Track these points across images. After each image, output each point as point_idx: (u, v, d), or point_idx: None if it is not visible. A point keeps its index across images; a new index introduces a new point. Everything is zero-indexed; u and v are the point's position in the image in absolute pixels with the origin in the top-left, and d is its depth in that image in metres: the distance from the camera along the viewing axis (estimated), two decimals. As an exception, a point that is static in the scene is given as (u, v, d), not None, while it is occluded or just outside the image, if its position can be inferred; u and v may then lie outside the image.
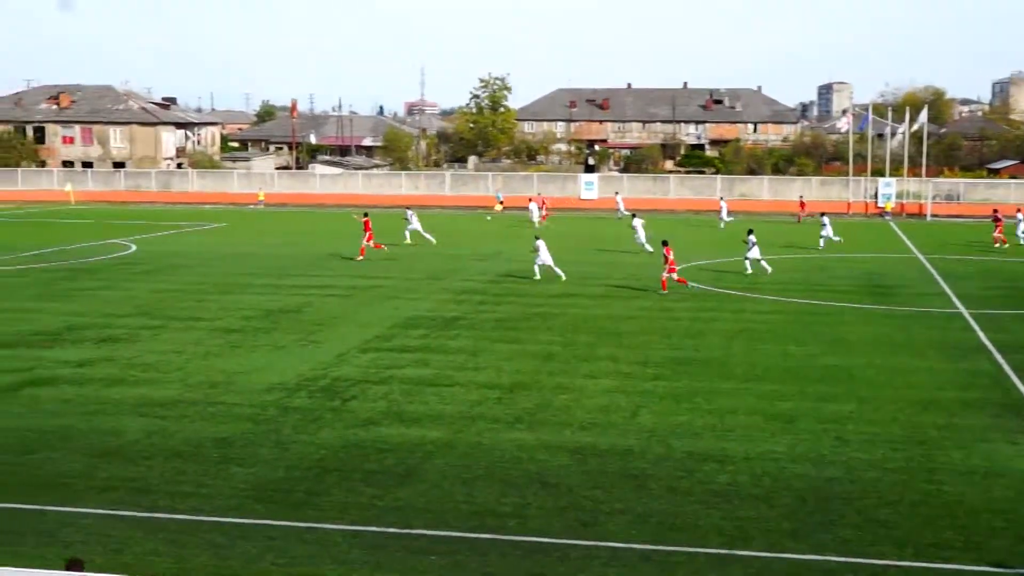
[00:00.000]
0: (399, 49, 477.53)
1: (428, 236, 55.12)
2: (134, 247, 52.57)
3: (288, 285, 40.37)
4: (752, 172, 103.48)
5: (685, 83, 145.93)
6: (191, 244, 55.80)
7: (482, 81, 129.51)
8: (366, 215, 50.76)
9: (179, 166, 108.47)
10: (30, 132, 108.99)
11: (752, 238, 43.47)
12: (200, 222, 69.74)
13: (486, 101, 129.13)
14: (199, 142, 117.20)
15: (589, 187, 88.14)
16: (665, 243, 39.44)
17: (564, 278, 41.06)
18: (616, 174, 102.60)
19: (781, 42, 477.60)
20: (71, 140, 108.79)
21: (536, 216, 68.95)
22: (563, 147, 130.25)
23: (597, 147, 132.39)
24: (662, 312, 34.29)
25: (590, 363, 26.72)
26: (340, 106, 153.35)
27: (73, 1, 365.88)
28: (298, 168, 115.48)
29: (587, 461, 18.87)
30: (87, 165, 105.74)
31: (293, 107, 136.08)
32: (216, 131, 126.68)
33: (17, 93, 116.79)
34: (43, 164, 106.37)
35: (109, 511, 16.27)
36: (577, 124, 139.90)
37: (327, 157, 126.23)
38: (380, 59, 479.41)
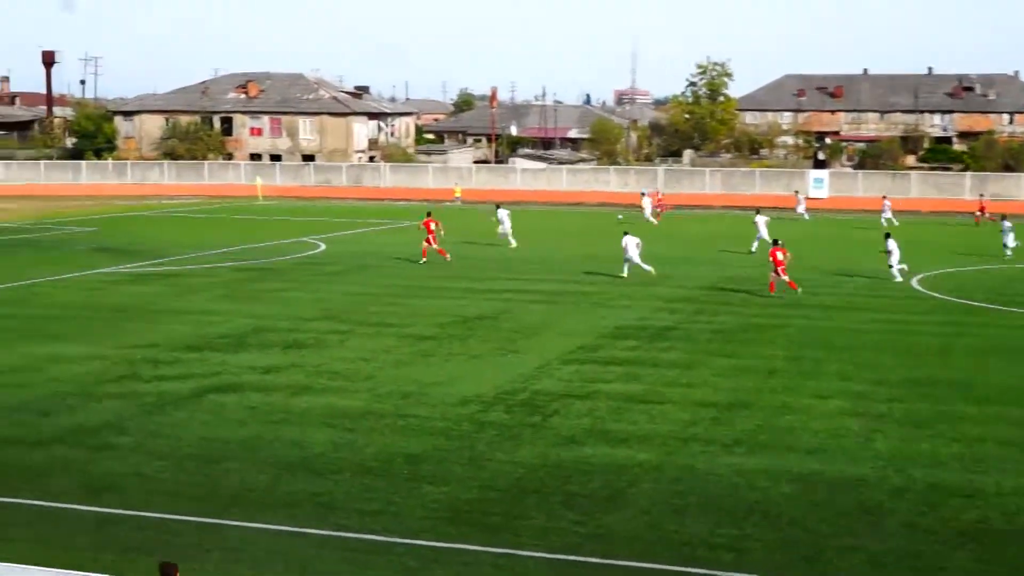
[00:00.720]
0: (608, 33, 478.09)
1: (512, 240, 55.57)
2: (323, 246, 54.11)
3: (486, 289, 40.80)
4: (1008, 169, 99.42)
5: (930, 68, 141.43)
6: (382, 244, 57.08)
7: (700, 67, 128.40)
8: (428, 214, 50.30)
9: (371, 159, 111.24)
10: (217, 123, 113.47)
11: (891, 243, 43.04)
12: (392, 220, 71.34)
13: (704, 89, 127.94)
14: (392, 134, 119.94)
15: (818, 184, 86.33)
16: (776, 242, 40.12)
17: (654, 273, 42.92)
18: (849, 170, 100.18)
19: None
20: (259, 132, 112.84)
21: (649, 212, 70.37)
22: (789, 140, 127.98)
23: (828, 140, 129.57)
24: (899, 325, 33.26)
25: (817, 381, 26.10)
26: (543, 95, 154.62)
27: (75, 1, 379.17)
28: (497, 162, 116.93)
29: (814, 490, 18.40)
30: (275, 158, 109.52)
31: (493, 96, 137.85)
32: (410, 122, 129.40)
33: (204, 82, 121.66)
34: (230, 157, 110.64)
35: (293, 528, 16.69)
36: (806, 114, 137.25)
37: (529, 150, 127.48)
38: (588, 43, 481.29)
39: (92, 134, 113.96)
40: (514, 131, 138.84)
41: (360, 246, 55.17)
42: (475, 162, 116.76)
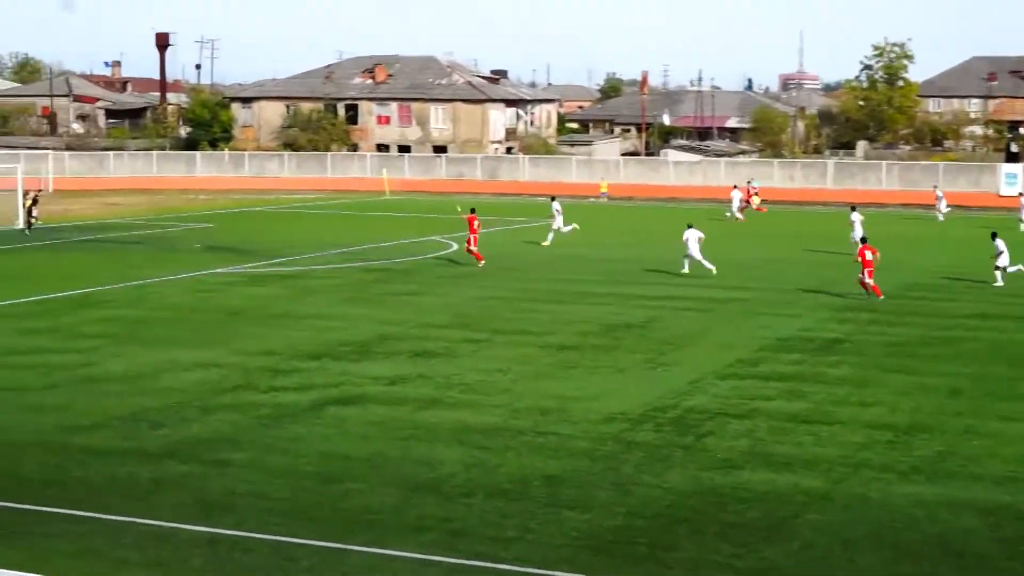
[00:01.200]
0: (773, 10, 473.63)
1: (549, 239, 55.80)
2: (455, 246, 54.56)
3: (634, 295, 40.73)
4: None
5: None
6: (519, 244, 57.34)
7: (876, 48, 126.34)
8: (472, 211, 49.91)
9: (508, 151, 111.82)
10: (341, 111, 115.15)
11: (999, 243, 43.23)
12: (531, 217, 71.62)
13: (880, 73, 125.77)
14: (532, 123, 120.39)
15: (1011, 180, 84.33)
16: (864, 240, 41.22)
17: (714, 272, 44.37)
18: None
19: None
20: (386, 120, 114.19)
21: (736, 206, 70.73)
22: (978, 130, 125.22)
23: (1022, 130, 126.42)
24: (1107, 340, 32.30)
25: (1009, 402, 25.52)
26: (700, 80, 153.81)
27: (75, 1, 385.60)
28: (647, 154, 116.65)
29: (1003, 525, 18.00)
30: (404, 149, 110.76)
31: (643, 81, 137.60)
32: (552, 110, 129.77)
33: (328, 66, 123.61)
34: (355, 148, 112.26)
35: (420, 555, 16.82)
36: (997, 101, 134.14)
37: (683, 141, 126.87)
38: (750, 23, 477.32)
39: (207, 123, 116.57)
40: (666, 120, 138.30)
41: (496, 246, 55.43)
42: (623, 154, 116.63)
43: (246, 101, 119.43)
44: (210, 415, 24.29)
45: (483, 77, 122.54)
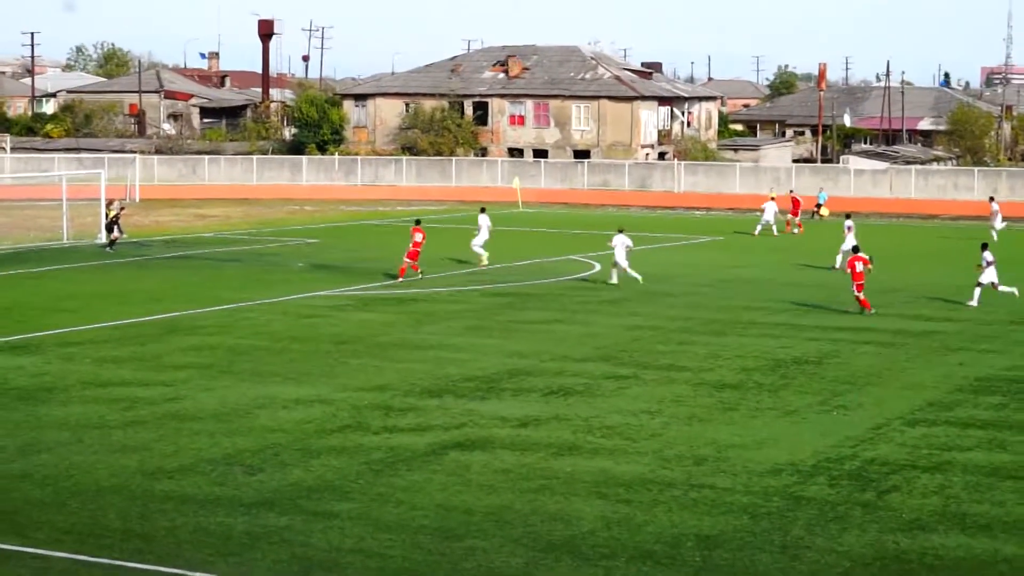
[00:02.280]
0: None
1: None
2: (598, 266, 54.58)
3: (808, 325, 40.43)
4: None
5: None
6: (674, 264, 57.16)
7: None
8: (418, 222, 52.25)
9: (662, 157, 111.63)
10: (469, 109, 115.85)
11: (987, 255, 44.28)
12: (686, 234, 71.30)
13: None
14: (689, 124, 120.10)
15: None
16: (855, 250, 44.01)
17: (641, 281, 47.55)
18: None
19: None
20: (520, 120, 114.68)
21: (770, 216, 70.97)
22: None
23: None
24: None
25: None
26: (887, 74, 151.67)
27: (76, 3, 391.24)
28: (824, 161, 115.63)
29: None
30: (540, 154, 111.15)
31: (821, 75, 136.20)
32: (713, 109, 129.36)
33: (454, 58, 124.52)
34: (484, 152, 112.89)
35: (553, 625, 16.81)
36: None
37: (866, 146, 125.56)
38: (946, 8, 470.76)
39: (315, 123, 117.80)
40: (847, 121, 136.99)
41: (645, 266, 55.31)
42: (795, 161, 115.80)
43: (360, 98, 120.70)
44: (313, 459, 24.53)
45: (633, 71, 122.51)
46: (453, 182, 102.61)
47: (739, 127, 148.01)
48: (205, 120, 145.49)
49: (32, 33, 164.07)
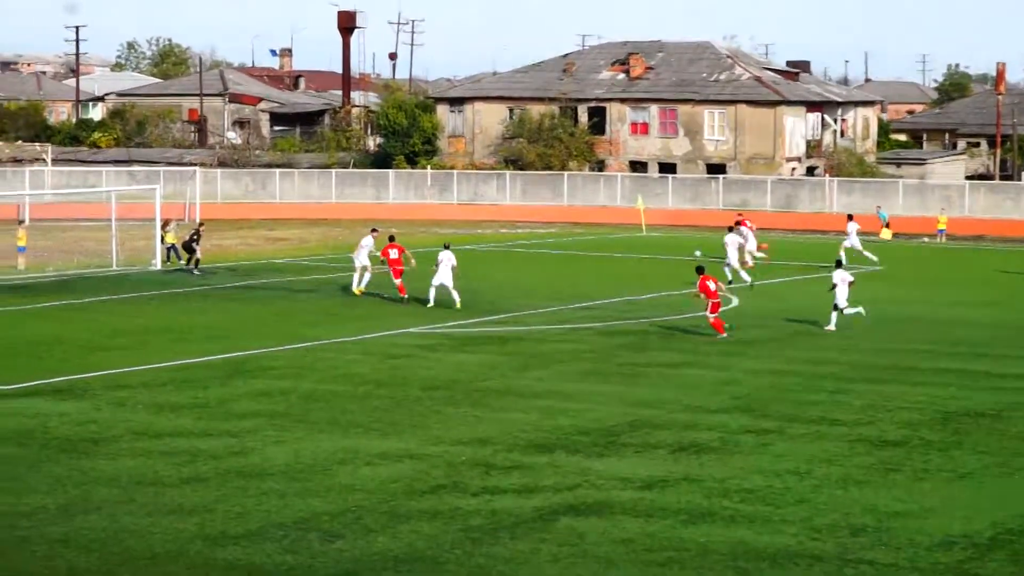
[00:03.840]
0: None
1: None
2: (734, 300, 54.48)
3: (983, 371, 40.14)
4: None
5: None
6: (823, 298, 56.71)
7: None
8: (392, 239, 55.57)
9: (810, 172, 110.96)
10: (583, 116, 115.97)
11: (838, 275, 47.93)
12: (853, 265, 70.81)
13: None
14: (843, 133, 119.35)
15: None
16: (700, 270, 46.55)
17: (458, 306, 50.97)
18: None
19: None
20: (644, 129, 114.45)
21: (732, 251, 66.26)
22: None
23: None
24: None
25: None
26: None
27: (79, 5, 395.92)
28: (1003, 177, 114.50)
29: None
30: (666, 168, 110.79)
31: (999, 77, 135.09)
32: (871, 115, 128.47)
33: (566, 56, 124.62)
34: (600, 165, 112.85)
35: None
36: None
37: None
38: None
39: (404, 131, 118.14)
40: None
41: (791, 300, 55.12)
42: (968, 177, 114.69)
43: (456, 102, 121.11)
44: (401, 524, 24.61)
45: (776, 71, 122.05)
46: (564, 200, 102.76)
47: (902, 137, 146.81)
48: (276, 128, 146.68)
49: (77, 27, 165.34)
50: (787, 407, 35.04)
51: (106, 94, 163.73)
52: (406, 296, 53.30)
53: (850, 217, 72.50)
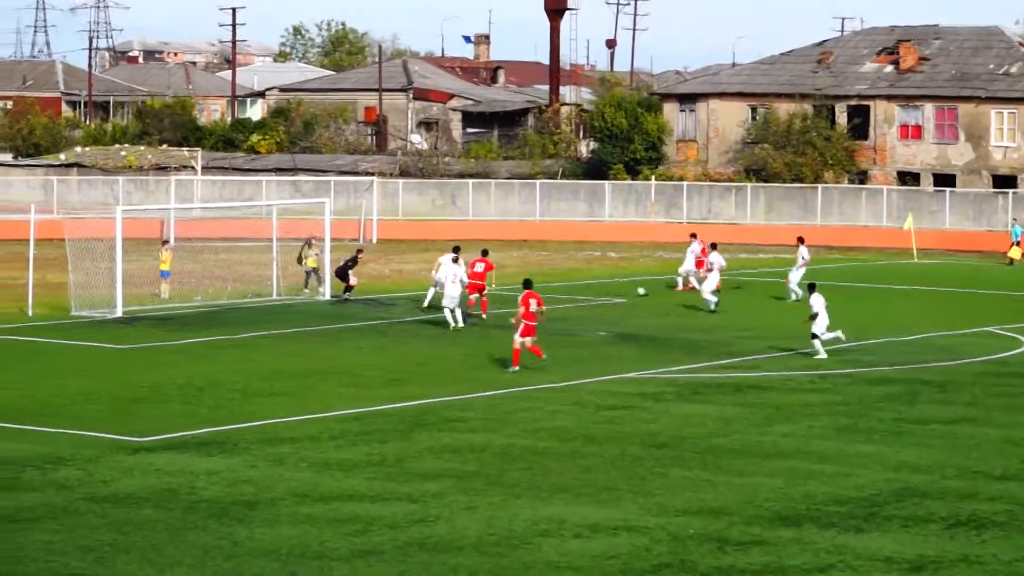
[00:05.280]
0: None
1: None
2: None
3: None
4: None
5: None
6: None
7: None
8: (484, 253, 60.06)
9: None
10: (841, 116, 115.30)
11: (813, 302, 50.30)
12: None
13: None
14: None
15: None
16: (527, 283, 49.96)
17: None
18: None
19: None
20: (915, 132, 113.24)
21: (688, 267, 71.01)
22: None
23: None
24: None
25: None
26: None
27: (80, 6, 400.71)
28: None
29: None
30: (943, 180, 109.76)
31: None
32: None
33: (821, 44, 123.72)
34: (862, 177, 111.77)
35: None
36: None
37: None
38: None
39: (624, 135, 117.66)
40: None
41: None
42: None
43: (686, 100, 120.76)
44: (616, 611, 24.60)
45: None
46: (818, 219, 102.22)
47: None
48: (469, 130, 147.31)
49: (233, 9, 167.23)
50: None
51: (267, 89, 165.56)
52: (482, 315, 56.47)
53: (800, 240, 71.58)
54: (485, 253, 59.54)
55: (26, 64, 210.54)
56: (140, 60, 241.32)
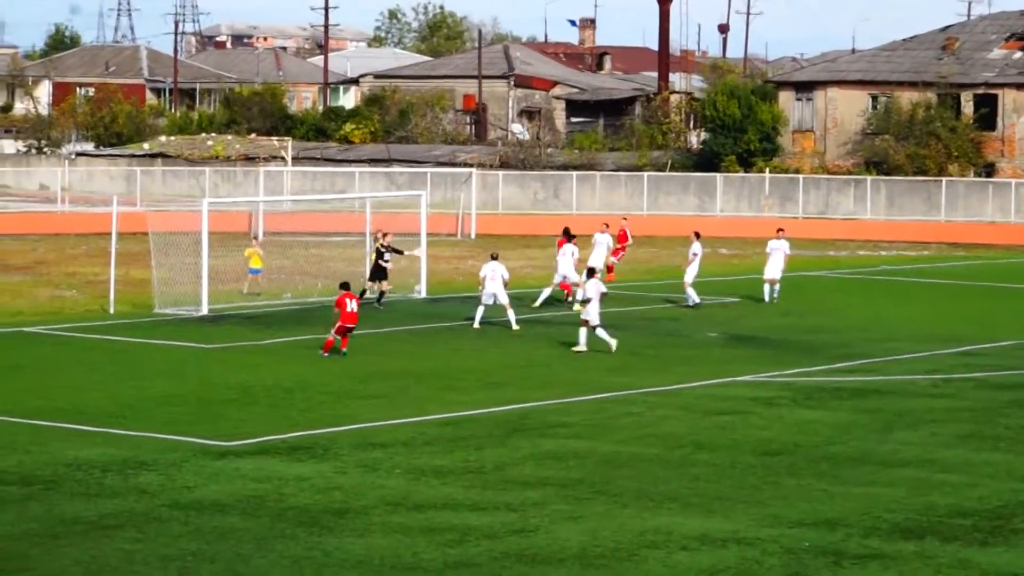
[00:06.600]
0: None
1: None
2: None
3: None
4: None
5: None
6: None
7: None
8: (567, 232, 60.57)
9: None
10: (967, 106, 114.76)
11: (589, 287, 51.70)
12: None
13: None
14: None
15: None
16: (345, 286, 50.97)
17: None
18: None
19: None
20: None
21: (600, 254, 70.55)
22: None
23: None
24: None
25: None
26: None
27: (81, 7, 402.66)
28: None
29: None
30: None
31: None
32: None
33: (946, 29, 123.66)
34: (989, 170, 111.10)
35: None
36: None
37: None
38: None
39: (737, 125, 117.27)
40: None
41: None
42: None
43: (803, 88, 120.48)
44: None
45: None
46: (941, 215, 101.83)
47: None
48: (574, 119, 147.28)
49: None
50: None
51: (361, 76, 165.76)
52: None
53: (697, 235, 70.30)
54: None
55: (109, 49, 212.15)
56: (228, 45, 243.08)
